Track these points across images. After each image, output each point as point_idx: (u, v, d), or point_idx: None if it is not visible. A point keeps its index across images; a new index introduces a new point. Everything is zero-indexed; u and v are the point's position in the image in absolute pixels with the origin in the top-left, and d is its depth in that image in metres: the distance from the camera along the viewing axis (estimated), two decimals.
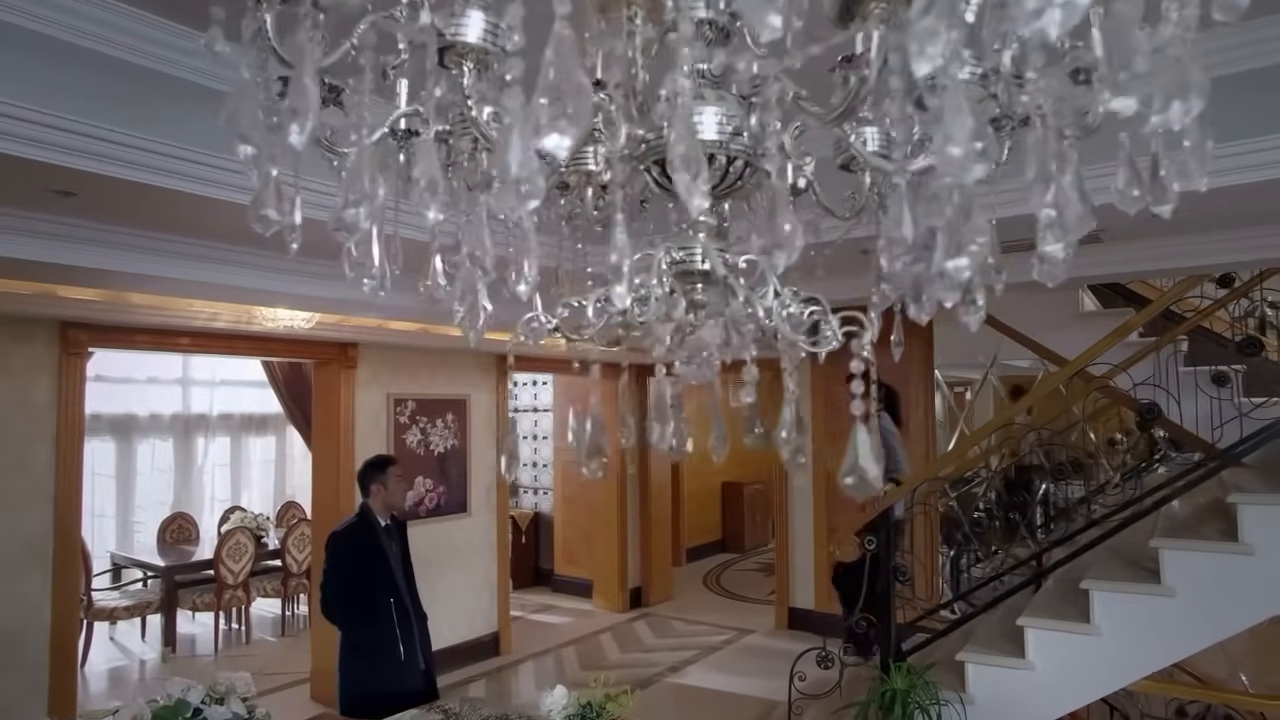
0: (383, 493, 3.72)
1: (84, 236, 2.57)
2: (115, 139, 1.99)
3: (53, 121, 1.87)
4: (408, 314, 4.07)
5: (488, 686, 6.02)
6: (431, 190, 0.73)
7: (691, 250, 0.94)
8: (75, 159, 1.96)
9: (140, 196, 2.27)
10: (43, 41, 1.86)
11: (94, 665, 6.47)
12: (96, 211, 2.47)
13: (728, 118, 0.90)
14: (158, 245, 2.75)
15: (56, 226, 2.50)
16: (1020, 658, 3.52)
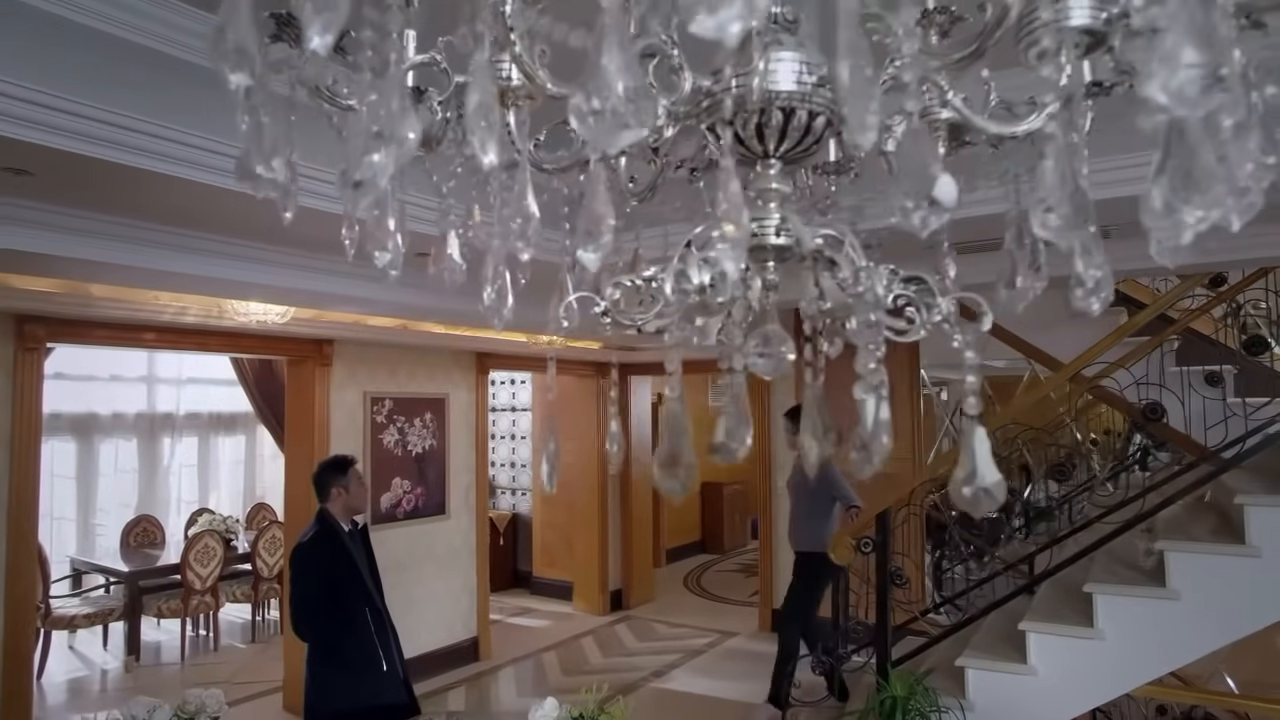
0: (343, 496, 3.47)
1: (41, 220, 2.37)
2: (74, 110, 1.81)
3: (2, 89, 1.68)
4: (387, 309, 3.89)
5: (467, 694, 5.84)
6: (488, 122, 0.59)
7: (764, 221, 0.81)
8: (28, 131, 1.78)
9: (102, 176, 2.08)
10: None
11: (52, 677, 6.19)
12: (54, 193, 2.27)
13: (808, 66, 0.76)
14: (121, 231, 2.56)
15: (10, 209, 2.30)
16: (1021, 662, 3.44)
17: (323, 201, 2.41)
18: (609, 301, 0.86)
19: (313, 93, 0.89)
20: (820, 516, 4.93)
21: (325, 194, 2.41)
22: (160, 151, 2.01)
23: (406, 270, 2.94)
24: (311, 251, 3.10)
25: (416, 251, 2.89)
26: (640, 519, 8.39)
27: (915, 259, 0.91)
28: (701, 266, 0.73)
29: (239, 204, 2.36)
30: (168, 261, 2.71)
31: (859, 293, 0.72)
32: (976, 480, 0.70)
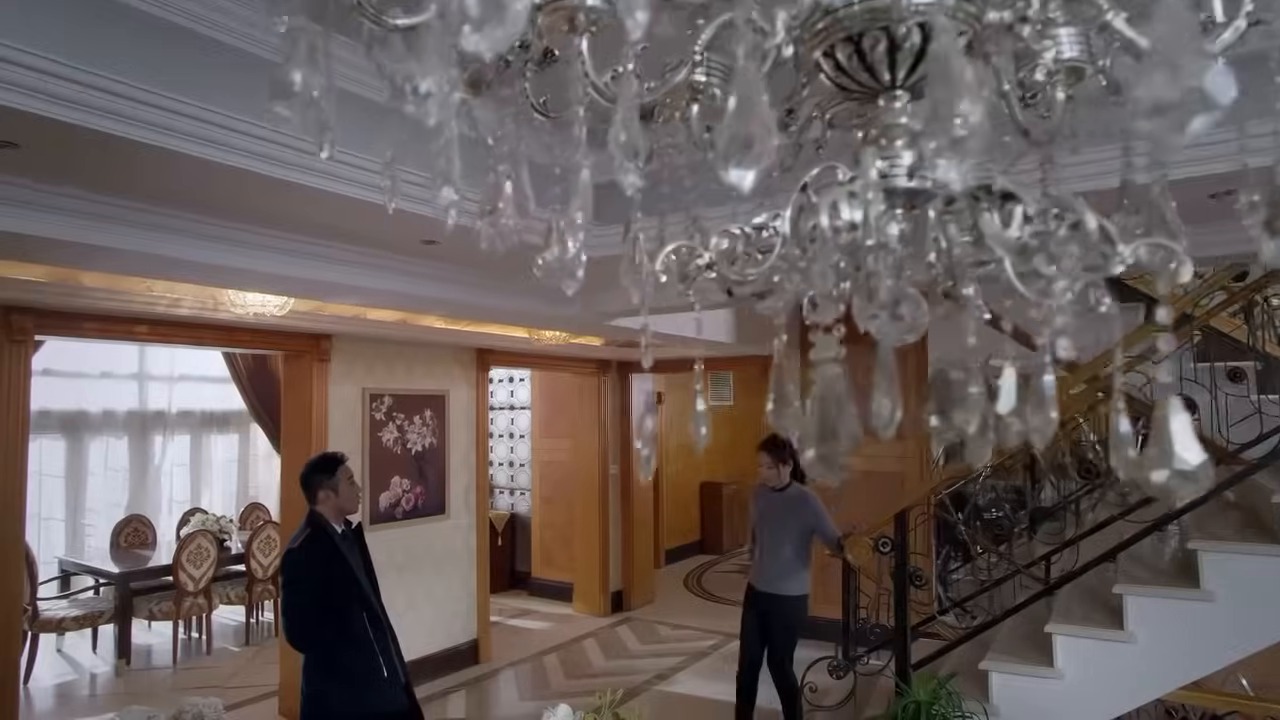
0: (333, 498, 3.30)
1: (27, 199, 2.23)
2: (65, 74, 1.68)
3: None
4: (391, 300, 3.74)
5: (468, 698, 5.71)
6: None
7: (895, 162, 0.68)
8: (15, 97, 1.64)
9: (95, 149, 1.94)
10: None
11: (39, 681, 6.02)
12: (43, 168, 2.13)
13: None
14: (114, 212, 2.42)
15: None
16: (1048, 666, 3.34)
17: (327, 181, 2.28)
18: (715, 253, 0.74)
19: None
20: (798, 556, 4.36)
21: (332, 172, 2.28)
22: (158, 123, 1.87)
23: (412, 259, 2.79)
24: (315, 238, 2.96)
25: (423, 239, 2.73)
26: (641, 519, 8.27)
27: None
28: (849, 201, 0.60)
29: (241, 184, 2.22)
30: (163, 246, 2.57)
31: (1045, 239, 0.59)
32: (1173, 462, 0.57)
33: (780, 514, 4.35)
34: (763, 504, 4.53)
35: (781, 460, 4.35)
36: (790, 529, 4.32)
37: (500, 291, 3.87)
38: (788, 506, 4.34)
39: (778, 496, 4.40)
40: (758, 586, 4.48)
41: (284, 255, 2.93)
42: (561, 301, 4.29)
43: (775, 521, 4.38)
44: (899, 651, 3.74)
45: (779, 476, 4.39)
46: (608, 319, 4.58)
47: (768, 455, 4.41)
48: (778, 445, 4.34)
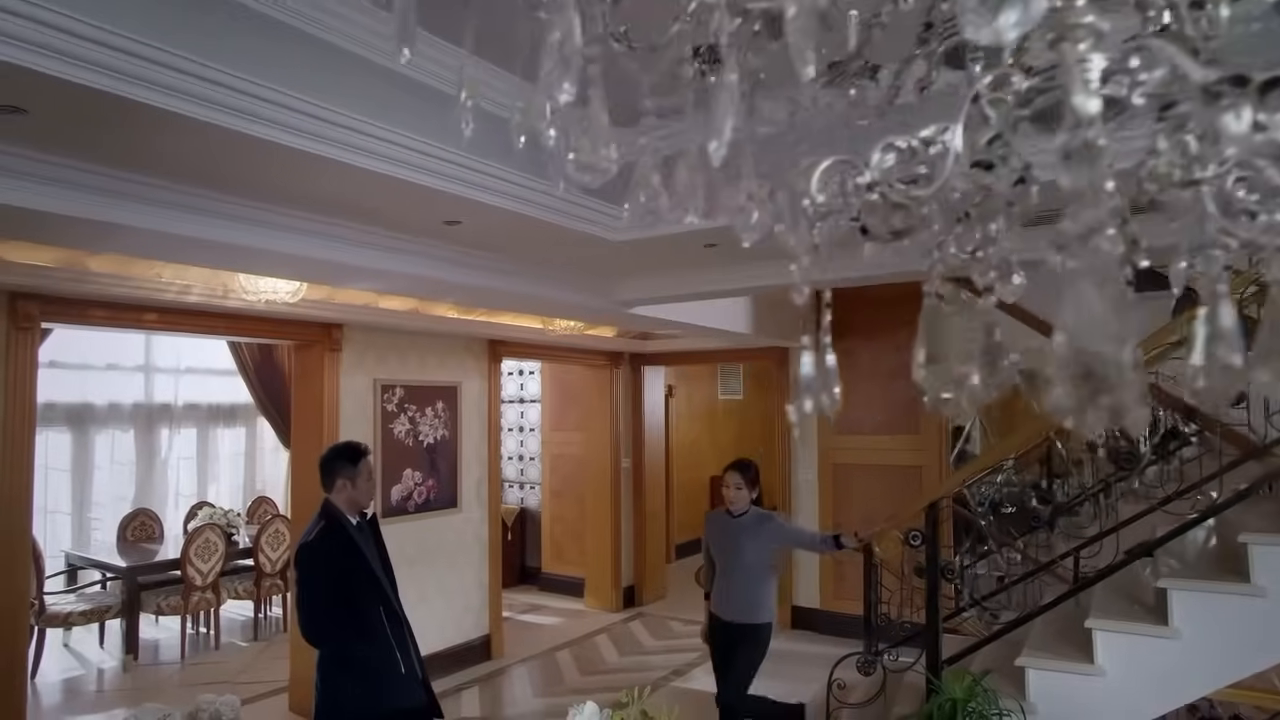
0: (349, 489, 3.18)
1: (34, 172, 2.11)
2: (79, 31, 1.57)
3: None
4: (409, 284, 3.63)
5: (481, 695, 5.61)
6: None
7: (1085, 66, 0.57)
8: (24, 55, 1.53)
9: (109, 116, 1.84)
10: None
11: (46, 676, 5.93)
12: (51, 138, 2.02)
13: None
14: (129, 189, 2.30)
15: (2, 157, 2.05)
16: (1088, 663, 3.22)
17: (354, 155, 2.17)
18: (876, 171, 0.62)
19: None
20: (761, 580, 4.04)
21: (360, 146, 2.17)
22: (180, 89, 1.77)
23: (432, 242, 2.65)
24: (335, 218, 2.85)
25: (445, 219, 2.59)
26: (654, 513, 8.16)
27: None
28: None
29: (266, 158, 2.12)
30: (180, 224, 2.46)
31: None
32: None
33: (744, 540, 3.99)
34: (719, 531, 4.15)
35: (751, 482, 4.07)
36: (760, 553, 3.98)
37: (520, 276, 3.76)
38: (750, 531, 4.01)
39: (735, 523, 4.05)
40: (724, 617, 4.08)
41: (302, 236, 2.82)
42: (583, 288, 4.18)
43: (739, 548, 4.00)
44: (930, 647, 3.63)
45: (747, 500, 4.07)
46: (627, 307, 4.47)
47: (739, 475, 4.07)
48: (752, 467, 4.10)
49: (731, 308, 5.67)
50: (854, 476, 6.98)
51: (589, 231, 3.12)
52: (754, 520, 4.05)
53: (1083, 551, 4.33)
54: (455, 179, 2.49)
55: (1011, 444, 4.19)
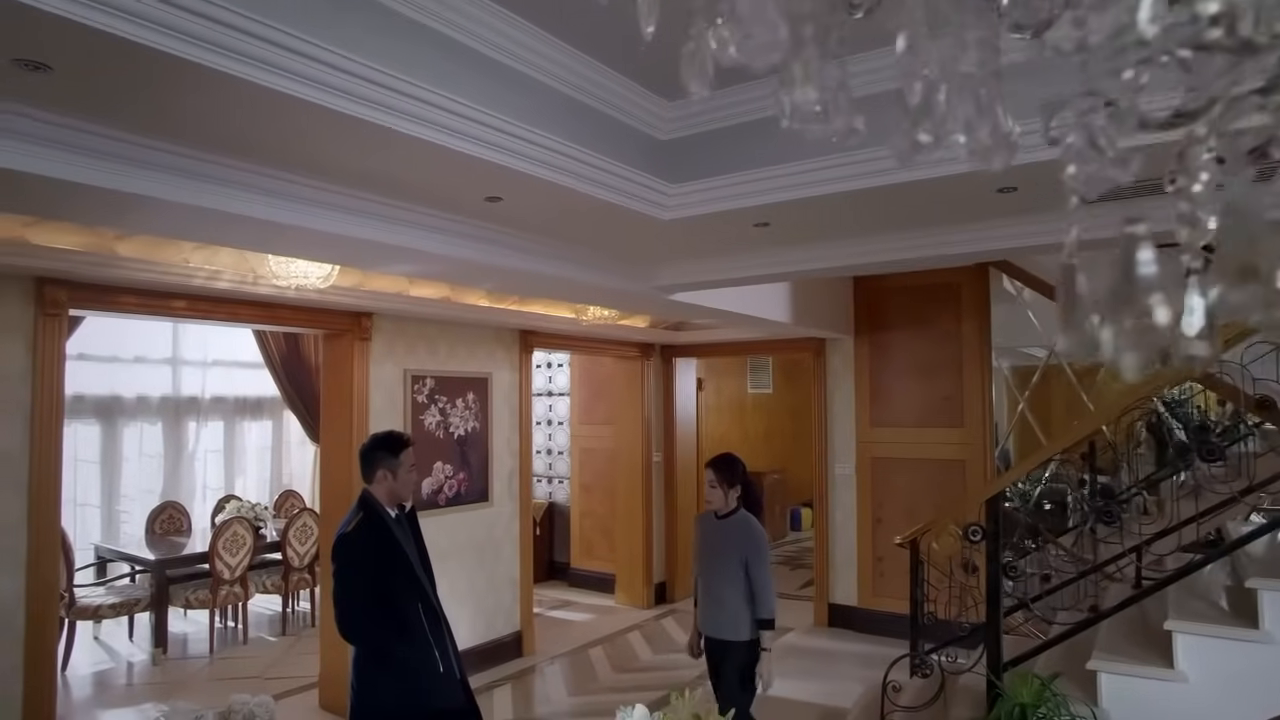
0: (389, 481, 3.03)
1: (56, 138, 1.99)
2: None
3: None
4: (446, 267, 3.48)
5: (513, 692, 5.48)
6: None
7: None
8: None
9: (141, 74, 1.70)
10: None
11: (76, 669, 5.88)
12: (75, 99, 1.89)
13: None
14: (157, 158, 2.17)
15: (18, 120, 1.91)
16: (1167, 667, 3.02)
17: (392, 117, 2.03)
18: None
19: None
20: (734, 591, 3.53)
21: (404, 110, 2.02)
22: (213, 40, 1.63)
23: (471, 221, 2.44)
24: (371, 193, 2.71)
25: (486, 195, 2.41)
26: (686, 508, 7.99)
27: None
28: None
29: (304, 122, 1.97)
30: (209, 197, 2.32)
31: None
32: None
33: (721, 544, 3.59)
34: (704, 532, 3.73)
35: (727, 481, 3.60)
36: (733, 561, 3.53)
37: (559, 260, 3.61)
38: (729, 535, 3.59)
39: (719, 524, 3.64)
40: (705, 631, 3.66)
41: (338, 213, 2.68)
42: (623, 273, 4.02)
43: (717, 554, 3.59)
44: (991, 648, 3.45)
45: (724, 500, 3.61)
46: (667, 293, 4.30)
47: (714, 474, 3.63)
48: (727, 463, 3.66)
49: (770, 296, 5.49)
50: (893, 470, 6.77)
51: (636, 209, 2.96)
52: (735, 525, 3.61)
53: (1143, 549, 4.12)
54: (500, 148, 2.33)
55: (1087, 427, 3.97)
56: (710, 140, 3.02)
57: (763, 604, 3.49)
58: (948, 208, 3.07)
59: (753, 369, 11.37)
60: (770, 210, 3.01)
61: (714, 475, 3.64)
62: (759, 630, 3.51)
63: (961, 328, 6.56)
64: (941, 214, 3.19)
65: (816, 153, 2.79)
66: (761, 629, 3.51)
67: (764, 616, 3.50)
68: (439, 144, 2.16)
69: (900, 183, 2.66)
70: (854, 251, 3.67)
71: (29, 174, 2.00)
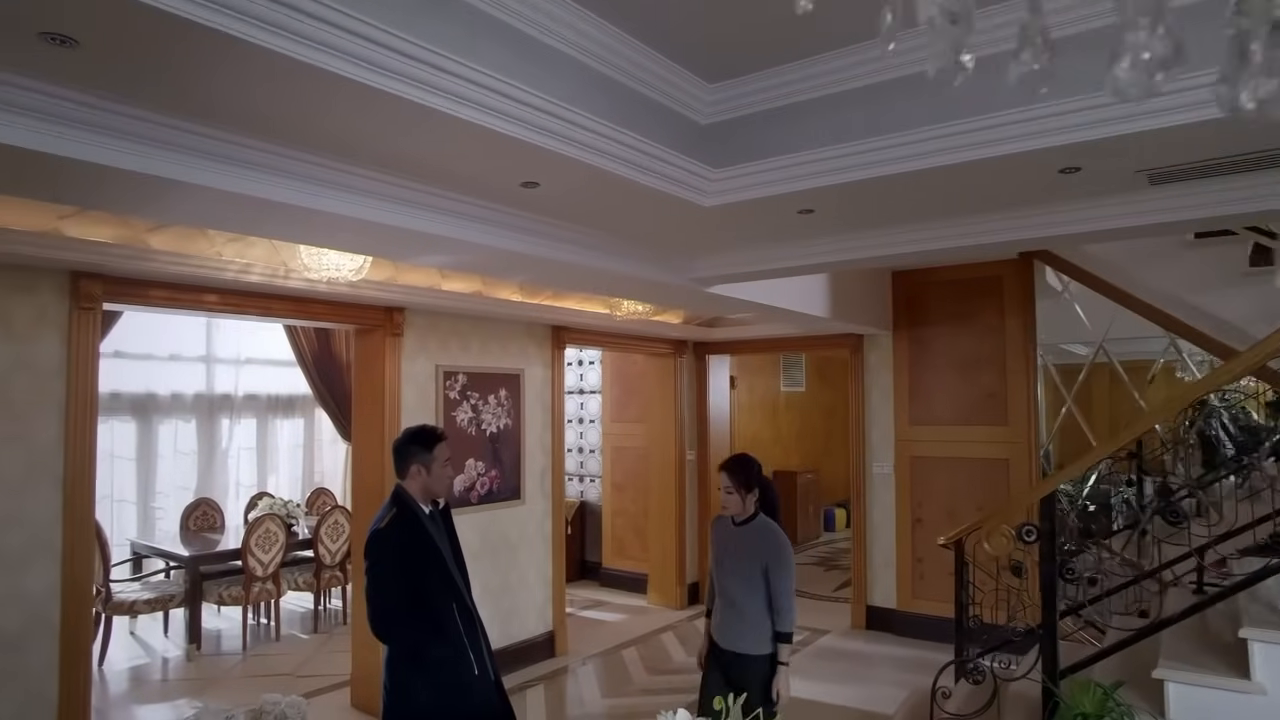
0: (423, 476, 2.94)
1: (85, 119, 1.92)
2: None
3: None
4: (480, 256, 3.39)
5: (546, 693, 5.40)
6: None
7: None
8: None
9: (169, 45, 1.62)
10: None
11: (113, 664, 5.91)
12: (104, 78, 1.82)
13: None
14: (187, 140, 2.10)
15: (46, 100, 1.84)
16: (1243, 678, 2.84)
17: (429, 94, 1.94)
18: None
19: None
20: (763, 604, 3.29)
21: (435, 85, 1.93)
22: (244, 10, 1.55)
23: (507, 210, 2.30)
24: (404, 178, 2.63)
25: (523, 180, 2.29)
26: (719, 508, 7.85)
27: None
28: None
29: (336, 96, 1.89)
30: (241, 181, 2.25)
31: None
32: None
33: (741, 552, 3.35)
34: (720, 538, 3.50)
35: (744, 485, 3.36)
36: (753, 570, 3.29)
37: (596, 250, 3.51)
38: (749, 542, 3.35)
39: (738, 531, 3.40)
40: (719, 642, 3.41)
41: (372, 200, 2.60)
42: (660, 264, 3.91)
43: (735, 561, 3.36)
44: (1048, 654, 3.28)
45: (742, 505, 3.37)
46: (704, 285, 4.19)
47: (729, 477, 3.38)
48: (743, 466, 3.42)
49: (808, 290, 5.35)
50: (934, 469, 6.59)
51: (677, 195, 2.85)
52: (758, 529, 3.36)
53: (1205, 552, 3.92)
54: (540, 129, 2.24)
55: (1147, 423, 3.78)
56: (753, 123, 2.90)
57: (783, 616, 3.28)
58: (1004, 190, 2.93)
59: (786, 367, 11.20)
60: (816, 195, 2.88)
61: (729, 479, 3.38)
62: (777, 643, 3.29)
63: (1005, 322, 6.36)
64: (996, 198, 3.04)
65: (867, 134, 2.66)
66: (780, 642, 3.29)
67: (784, 629, 3.29)
68: (478, 124, 2.07)
69: (958, 163, 2.53)
70: (901, 240, 3.53)
71: (57, 156, 1.93)
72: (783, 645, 3.30)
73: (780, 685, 3.28)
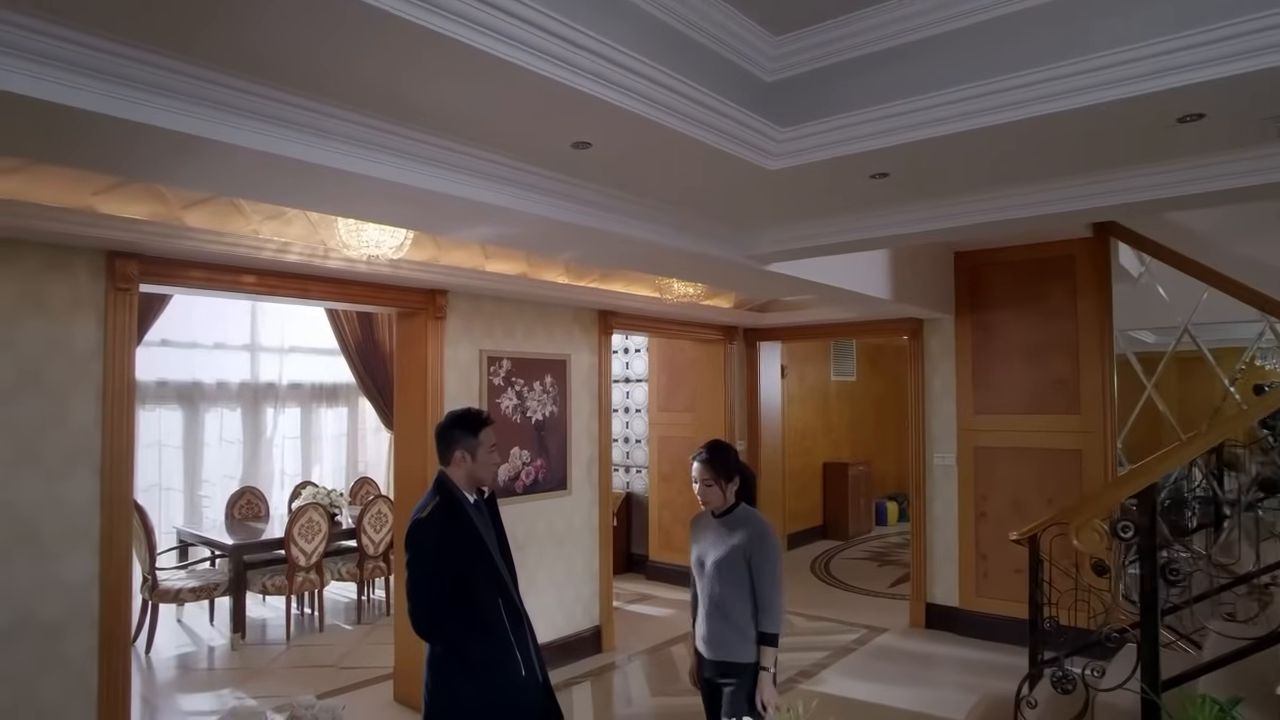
0: (467, 462, 2.74)
1: (110, 69, 1.74)
2: None
3: None
4: (526, 227, 3.16)
5: (593, 690, 5.21)
6: None
7: None
8: None
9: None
10: None
11: (160, 651, 5.89)
12: (135, 22, 1.64)
13: None
14: (218, 94, 1.90)
15: (70, 48, 1.67)
16: None
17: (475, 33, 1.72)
18: None
19: None
20: (734, 600, 2.92)
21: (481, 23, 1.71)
22: None
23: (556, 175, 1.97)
24: (448, 138, 2.43)
25: (574, 140, 1.99)
26: (769, 500, 7.58)
27: None
28: None
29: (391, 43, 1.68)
30: (274, 140, 2.06)
31: None
32: None
33: (722, 545, 2.97)
34: (700, 536, 3.14)
35: (724, 474, 2.99)
36: (737, 564, 2.91)
37: (648, 222, 3.28)
38: (730, 533, 2.97)
39: (717, 524, 3.04)
40: (705, 653, 3.04)
41: (411, 161, 2.41)
42: (716, 239, 3.66)
43: (721, 559, 2.96)
44: (1148, 663, 2.97)
45: (723, 497, 3.01)
46: (762, 262, 3.93)
47: (706, 469, 3.00)
48: (720, 453, 3.05)
49: (868, 271, 5.06)
50: (999, 460, 6.23)
51: (741, 155, 2.60)
52: (738, 521, 2.99)
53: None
54: (597, 76, 2.01)
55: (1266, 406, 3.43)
56: (823, 78, 2.63)
57: (767, 614, 2.87)
58: (1107, 145, 2.61)
59: (836, 355, 10.84)
60: (894, 155, 2.61)
61: (707, 471, 3.00)
62: (760, 646, 2.88)
63: (1077, 304, 5.96)
64: (1096, 154, 2.72)
65: (953, 81, 2.38)
66: (763, 645, 2.87)
67: (767, 629, 2.88)
68: (532, 69, 1.86)
69: (1057, 112, 2.24)
70: (979, 208, 3.23)
71: (86, 111, 1.76)
72: (765, 648, 2.88)
73: (765, 694, 2.87)
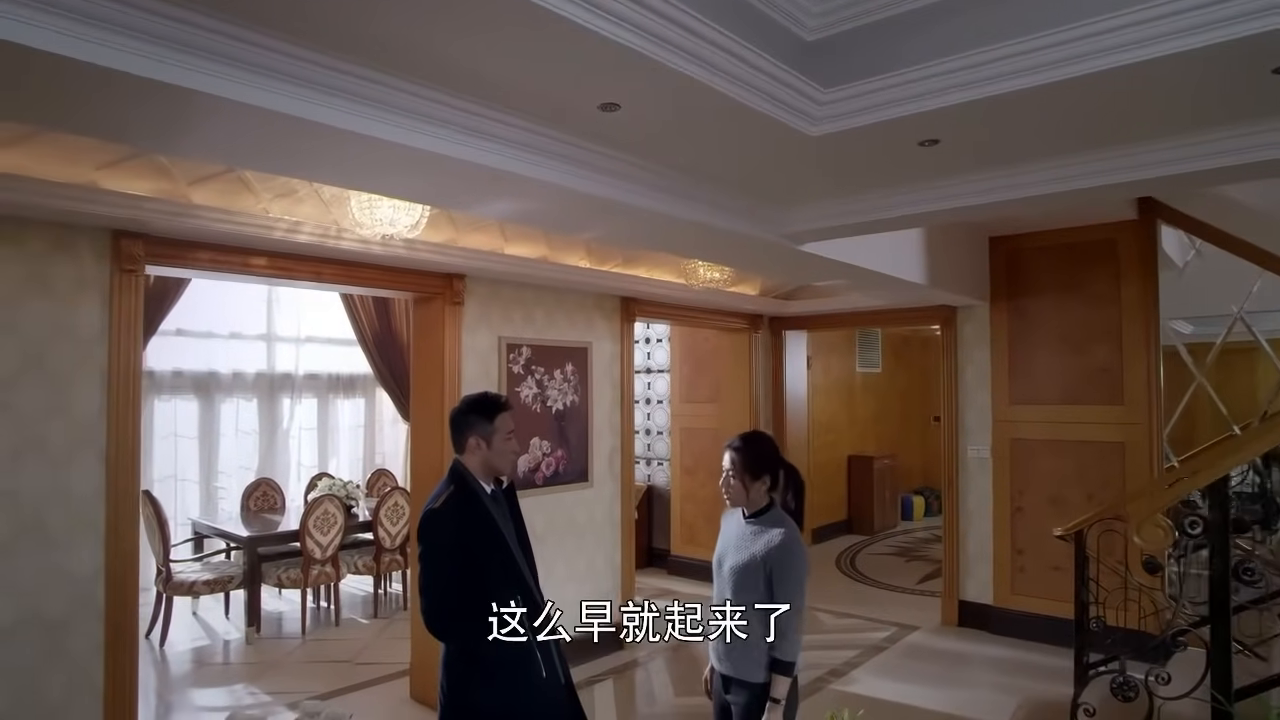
0: (483, 449, 2.55)
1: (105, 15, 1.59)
2: None
3: None
4: (545, 202, 2.98)
5: (616, 689, 5.04)
6: None
7: None
8: None
9: None
10: None
11: (175, 644, 5.78)
12: None
13: None
14: (220, 45, 1.74)
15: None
16: None
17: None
18: None
19: None
20: (766, 619, 2.55)
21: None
22: None
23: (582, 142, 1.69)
24: (468, 98, 2.25)
25: (601, 101, 1.74)
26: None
27: None
28: None
29: None
30: (279, 97, 1.89)
31: None
32: None
33: (743, 550, 2.66)
34: (726, 530, 2.82)
35: (749, 470, 2.64)
36: (753, 574, 2.60)
37: (677, 197, 3.08)
38: (753, 539, 2.64)
39: (744, 525, 2.70)
40: (715, 664, 2.78)
41: (424, 123, 2.22)
42: (748, 215, 3.46)
43: (740, 566, 2.65)
44: (1219, 670, 2.75)
45: (745, 496, 2.66)
46: (796, 242, 3.73)
47: (732, 458, 2.68)
48: (751, 445, 2.72)
49: (902, 256, 4.83)
50: (1037, 453, 5.99)
51: (781, 119, 2.40)
52: (761, 525, 2.65)
53: None
54: (629, 23, 1.82)
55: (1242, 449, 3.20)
56: (870, 34, 2.42)
57: (781, 640, 2.52)
58: (1185, 103, 2.39)
59: (861, 346, 10.59)
60: (946, 117, 2.40)
61: (737, 458, 2.66)
62: (771, 672, 2.56)
63: (1120, 290, 5.70)
64: (1174, 115, 2.50)
65: (1016, 33, 2.17)
66: (775, 673, 2.55)
67: (781, 657, 2.54)
68: (560, 13, 1.67)
69: (1134, 62, 2.02)
70: (1035, 179, 3.00)
71: (96, 66, 1.61)
72: (778, 678, 2.55)
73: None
